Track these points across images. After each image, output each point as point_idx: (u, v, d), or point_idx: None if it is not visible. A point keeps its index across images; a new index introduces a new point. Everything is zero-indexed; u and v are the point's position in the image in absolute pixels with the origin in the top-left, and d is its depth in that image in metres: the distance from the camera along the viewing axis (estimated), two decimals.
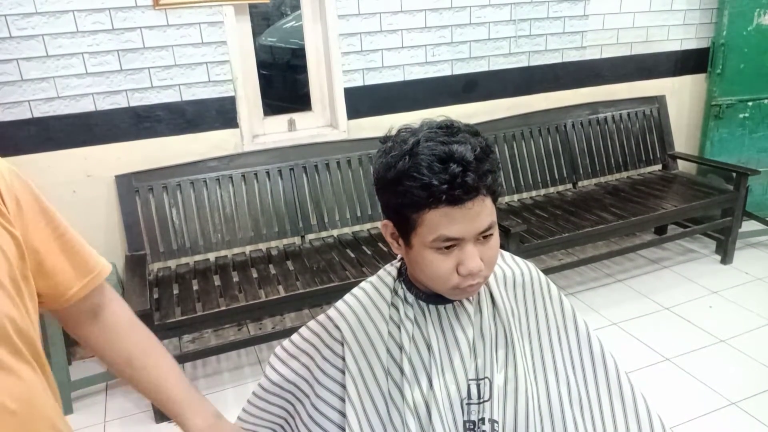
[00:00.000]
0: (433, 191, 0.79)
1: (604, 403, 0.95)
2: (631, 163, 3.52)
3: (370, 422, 0.91)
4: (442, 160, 0.79)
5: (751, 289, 3.07)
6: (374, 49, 2.87)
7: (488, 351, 0.92)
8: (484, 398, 0.91)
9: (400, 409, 0.90)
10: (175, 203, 2.63)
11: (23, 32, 2.31)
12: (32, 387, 0.75)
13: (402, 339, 0.92)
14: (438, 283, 0.87)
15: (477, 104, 3.16)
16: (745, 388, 2.33)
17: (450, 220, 0.81)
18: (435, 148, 0.81)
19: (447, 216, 0.80)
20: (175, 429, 2.27)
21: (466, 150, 0.80)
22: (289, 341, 1.04)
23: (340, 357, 0.95)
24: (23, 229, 0.77)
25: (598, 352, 0.98)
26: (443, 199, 0.79)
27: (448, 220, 0.81)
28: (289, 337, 1.04)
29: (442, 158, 0.80)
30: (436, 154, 0.80)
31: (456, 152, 0.80)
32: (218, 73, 2.63)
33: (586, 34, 3.32)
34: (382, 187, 0.86)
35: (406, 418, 0.88)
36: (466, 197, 0.80)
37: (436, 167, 0.79)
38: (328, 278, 2.51)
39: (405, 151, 0.82)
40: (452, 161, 0.79)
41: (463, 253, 0.83)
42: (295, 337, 1.03)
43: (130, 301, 2.17)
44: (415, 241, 0.85)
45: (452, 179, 0.78)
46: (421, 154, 0.81)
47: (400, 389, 0.90)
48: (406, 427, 0.88)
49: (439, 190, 0.79)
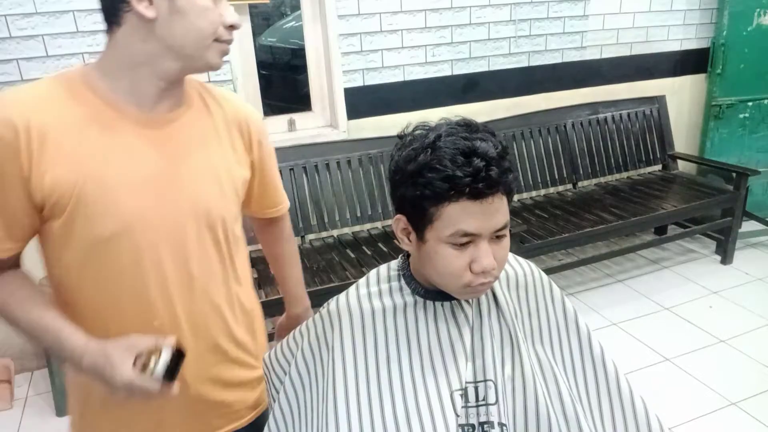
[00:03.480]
0: (456, 183, 0.79)
1: (604, 404, 0.95)
2: (631, 164, 3.52)
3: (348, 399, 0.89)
4: (466, 155, 0.80)
5: (751, 289, 3.07)
6: (374, 49, 2.87)
7: (490, 352, 0.92)
8: (487, 401, 0.89)
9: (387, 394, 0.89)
10: None
11: (23, 32, 2.31)
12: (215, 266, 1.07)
13: (387, 331, 0.92)
14: (450, 280, 0.86)
15: (477, 104, 3.16)
16: (745, 388, 2.33)
17: (469, 214, 0.81)
18: (457, 142, 0.81)
19: (466, 210, 0.81)
20: None
21: (489, 146, 0.81)
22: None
23: (325, 342, 0.95)
24: (260, 161, 1.16)
25: (598, 354, 0.98)
26: (466, 192, 0.79)
27: (467, 214, 0.81)
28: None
29: (465, 152, 0.80)
30: (459, 148, 0.80)
31: (479, 148, 0.80)
32: (218, 73, 2.62)
33: (586, 34, 3.32)
34: (400, 179, 0.86)
35: (395, 405, 0.87)
36: (488, 192, 0.80)
37: (459, 160, 0.80)
38: (328, 278, 2.51)
39: (427, 144, 0.83)
40: (475, 156, 0.80)
41: (477, 250, 0.83)
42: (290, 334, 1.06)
43: None
44: (430, 236, 0.85)
45: (476, 172, 0.79)
46: (444, 147, 0.81)
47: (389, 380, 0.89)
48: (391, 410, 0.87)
49: (463, 182, 0.79)
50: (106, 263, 0.96)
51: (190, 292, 1.03)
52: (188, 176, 1.00)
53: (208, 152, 1.03)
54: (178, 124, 1.01)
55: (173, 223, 0.98)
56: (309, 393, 0.95)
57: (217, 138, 1.05)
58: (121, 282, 0.97)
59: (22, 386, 2.58)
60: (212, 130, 1.05)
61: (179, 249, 1.00)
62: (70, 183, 0.90)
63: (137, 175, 0.95)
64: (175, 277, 1.00)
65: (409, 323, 0.92)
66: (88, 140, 0.92)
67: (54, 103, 0.91)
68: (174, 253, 0.99)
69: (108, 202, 0.92)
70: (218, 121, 1.06)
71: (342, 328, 0.93)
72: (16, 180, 0.88)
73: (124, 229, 0.94)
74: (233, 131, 1.08)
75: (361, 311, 0.93)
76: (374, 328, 0.92)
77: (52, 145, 0.89)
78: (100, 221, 0.93)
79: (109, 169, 0.93)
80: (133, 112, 0.96)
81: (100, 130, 0.93)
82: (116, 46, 0.94)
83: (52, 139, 0.89)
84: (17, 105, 0.89)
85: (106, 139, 0.93)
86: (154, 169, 0.97)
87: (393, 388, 0.88)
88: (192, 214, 1.00)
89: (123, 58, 0.94)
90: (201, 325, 1.05)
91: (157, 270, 0.98)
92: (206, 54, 0.95)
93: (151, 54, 0.93)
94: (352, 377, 0.89)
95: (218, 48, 0.96)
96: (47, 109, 0.90)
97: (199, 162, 1.02)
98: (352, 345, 0.91)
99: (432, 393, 0.88)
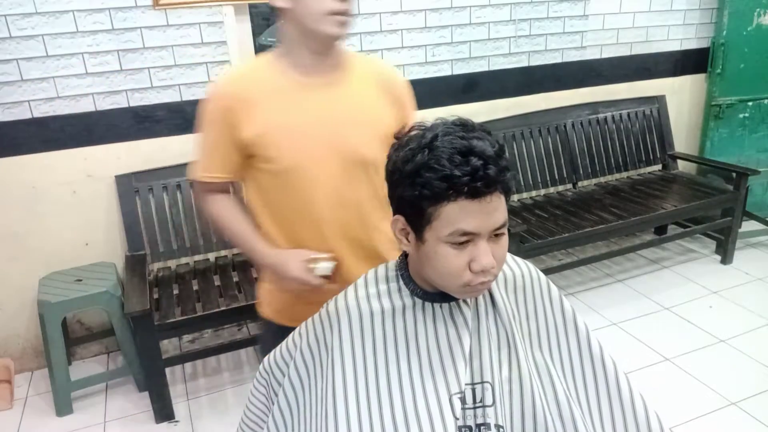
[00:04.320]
0: (454, 183, 0.79)
1: (603, 405, 0.95)
2: (631, 163, 3.52)
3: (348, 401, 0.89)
4: (463, 154, 0.80)
5: (751, 289, 3.07)
6: (374, 49, 2.87)
7: (487, 354, 0.91)
8: (484, 403, 0.89)
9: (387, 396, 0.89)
10: (175, 203, 2.63)
11: (23, 32, 2.31)
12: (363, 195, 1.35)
13: (386, 334, 0.91)
14: (449, 280, 0.86)
15: (477, 104, 3.16)
16: (745, 388, 2.33)
17: (467, 213, 0.81)
18: (455, 141, 0.81)
19: (464, 210, 0.81)
20: (175, 428, 2.28)
21: (486, 145, 0.81)
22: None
23: (324, 344, 0.95)
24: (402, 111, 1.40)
25: (597, 354, 0.97)
26: (464, 191, 0.79)
27: (465, 213, 0.81)
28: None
29: (462, 152, 0.80)
30: (457, 147, 0.80)
31: (476, 147, 0.80)
32: (218, 73, 2.63)
33: (586, 34, 3.32)
34: (397, 179, 0.86)
35: (394, 408, 0.87)
36: (487, 190, 0.80)
37: (456, 159, 0.79)
38: None
39: (424, 144, 0.83)
40: (473, 155, 0.80)
41: (476, 249, 0.83)
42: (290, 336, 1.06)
43: (130, 302, 2.19)
44: (429, 236, 0.84)
45: (474, 171, 0.79)
46: (441, 147, 0.81)
47: (388, 383, 0.89)
48: (389, 413, 0.87)
49: (461, 181, 0.79)
50: (284, 190, 1.31)
51: (345, 215, 1.33)
52: (344, 125, 1.30)
53: (361, 106, 1.33)
54: (336, 86, 1.31)
55: (331, 162, 1.29)
56: (308, 394, 0.95)
57: (369, 94, 1.35)
58: (293, 204, 1.32)
59: (22, 386, 2.58)
60: (365, 88, 1.34)
61: (335, 182, 1.30)
62: (261, 133, 1.26)
63: (305, 125, 1.27)
64: (333, 201, 1.31)
65: (408, 326, 0.92)
66: (274, 102, 1.27)
67: (255, 77, 1.31)
68: (330, 185, 1.30)
69: (284, 146, 1.27)
70: (369, 80, 1.35)
71: (341, 330, 0.92)
72: (233, 132, 1.27)
73: (294, 165, 1.28)
74: (381, 88, 1.36)
75: (360, 313, 0.93)
76: (373, 330, 0.92)
77: (254, 107, 1.26)
78: (277, 159, 1.28)
79: (286, 121, 1.27)
80: (301, 79, 1.29)
81: (281, 94, 1.28)
82: (283, 32, 1.30)
83: (255, 103, 1.26)
84: (236, 81, 1.31)
85: (284, 100, 1.28)
86: (318, 120, 1.28)
87: (392, 391, 0.88)
88: (347, 154, 1.30)
89: (285, 41, 1.30)
90: (351, 236, 1.36)
91: (322, 196, 1.30)
92: (323, 27, 1.22)
93: (297, 34, 1.26)
94: (351, 380, 0.89)
95: (333, 20, 1.21)
96: (253, 82, 1.30)
97: (354, 113, 1.32)
98: (351, 348, 0.91)
99: (431, 396, 0.88)
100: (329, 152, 1.29)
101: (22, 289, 2.55)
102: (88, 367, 2.67)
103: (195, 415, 2.34)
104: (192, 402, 2.42)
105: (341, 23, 1.22)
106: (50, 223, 2.53)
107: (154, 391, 2.29)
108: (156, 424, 2.30)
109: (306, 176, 1.29)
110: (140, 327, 2.19)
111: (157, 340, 2.24)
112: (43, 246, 2.54)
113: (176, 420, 2.31)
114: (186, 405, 2.40)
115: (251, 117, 1.26)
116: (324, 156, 1.29)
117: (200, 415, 2.33)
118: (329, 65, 1.31)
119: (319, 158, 1.29)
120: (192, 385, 2.53)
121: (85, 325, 2.72)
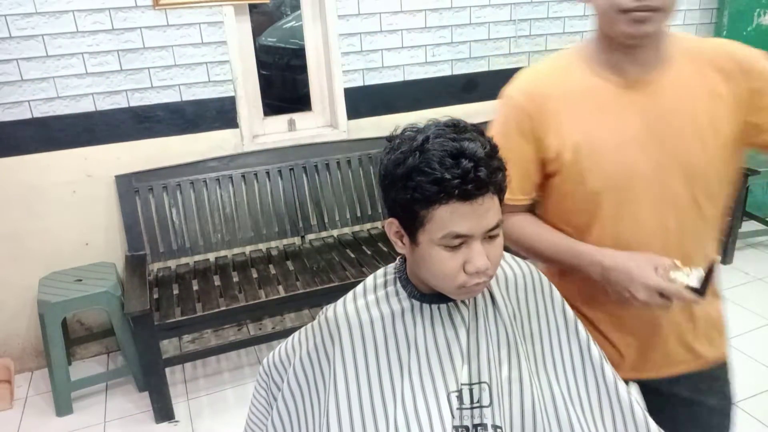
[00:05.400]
0: (445, 186, 0.79)
1: (605, 409, 0.95)
2: None
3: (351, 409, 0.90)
4: (454, 156, 0.79)
5: (751, 289, 3.07)
6: (374, 49, 2.88)
7: (486, 354, 0.91)
8: (482, 403, 0.89)
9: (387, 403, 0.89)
10: (175, 203, 2.63)
11: (23, 32, 2.31)
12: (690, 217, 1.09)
13: (387, 339, 0.92)
14: (444, 282, 0.86)
15: (477, 104, 3.16)
16: (745, 388, 2.32)
17: (460, 216, 0.80)
18: (445, 144, 0.80)
19: (456, 212, 0.80)
20: (175, 429, 2.28)
21: (477, 147, 0.80)
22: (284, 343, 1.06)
23: (325, 354, 0.95)
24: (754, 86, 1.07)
25: (597, 359, 0.98)
26: (455, 194, 0.79)
27: (457, 216, 0.80)
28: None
29: (453, 154, 0.79)
30: (447, 149, 0.80)
31: (467, 148, 0.80)
32: (218, 73, 2.63)
33: (586, 35, 3.32)
34: (390, 183, 0.86)
35: (396, 412, 0.88)
36: (478, 192, 0.80)
37: (447, 162, 0.79)
38: (328, 278, 2.52)
39: (415, 147, 0.82)
40: (463, 157, 0.79)
41: (470, 251, 0.83)
42: (289, 339, 1.06)
43: (130, 302, 2.19)
44: (423, 239, 0.84)
45: (464, 174, 0.78)
46: (431, 150, 0.80)
47: (392, 388, 0.90)
48: (393, 417, 0.87)
49: (452, 185, 0.78)
50: (592, 213, 1.10)
51: (664, 244, 1.09)
52: (670, 134, 1.06)
53: (693, 108, 1.06)
54: (658, 84, 1.07)
55: (654, 180, 1.07)
56: (309, 403, 0.96)
57: (705, 92, 1.07)
58: (602, 229, 1.10)
59: (22, 386, 2.58)
60: (698, 86, 1.08)
61: (658, 204, 1.08)
62: (566, 145, 1.07)
63: (621, 136, 1.06)
64: (650, 228, 1.09)
65: (408, 328, 0.92)
66: (581, 107, 1.08)
67: (555, 77, 1.12)
68: (652, 208, 1.08)
69: (596, 161, 1.06)
70: (704, 73, 1.08)
71: (342, 341, 0.93)
72: (531, 138, 1.10)
73: (609, 185, 1.07)
74: (715, 77, 1.08)
75: (360, 322, 0.94)
76: (374, 337, 0.92)
77: (549, 113, 1.08)
78: (589, 177, 1.07)
79: (598, 132, 1.06)
80: (614, 80, 1.07)
81: (590, 98, 1.08)
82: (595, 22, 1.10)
83: (550, 108, 1.08)
84: (528, 81, 1.12)
85: (595, 105, 1.07)
86: (635, 129, 1.06)
87: (395, 395, 0.89)
88: (673, 171, 1.06)
89: (597, 35, 1.10)
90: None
91: (633, 222, 1.09)
92: (617, 27, 1.03)
93: (600, 26, 1.08)
94: (355, 390, 0.90)
95: (626, 18, 1.01)
96: (556, 83, 1.11)
97: (682, 119, 1.06)
98: (353, 358, 0.92)
99: (430, 396, 0.88)
100: (652, 168, 1.06)
101: (22, 289, 2.56)
102: (88, 367, 2.67)
103: (195, 415, 2.34)
104: (192, 402, 2.42)
105: (638, 20, 1.00)
106: (50, 223, 2.53)
107: (154, 391, 2.29)
108: (156, 424, 2.30)
109: (619, 199, 1.07)
110: (140, 327, 2.19)
111: (157, 340, 2.24)
112: (43, 246, 2.54)
113: (176, 420, 2.32)
114: (186, 405, 2.41)
115: (546, 124, 1.08)
116: (644, 173, 1.06)
117: (200, 415, 2.33)
118: (645, 61, 1.08)
119: (636, 177, 1.07)
120: (192, 385, 2.53)
121: (85, 325, 2.72)
